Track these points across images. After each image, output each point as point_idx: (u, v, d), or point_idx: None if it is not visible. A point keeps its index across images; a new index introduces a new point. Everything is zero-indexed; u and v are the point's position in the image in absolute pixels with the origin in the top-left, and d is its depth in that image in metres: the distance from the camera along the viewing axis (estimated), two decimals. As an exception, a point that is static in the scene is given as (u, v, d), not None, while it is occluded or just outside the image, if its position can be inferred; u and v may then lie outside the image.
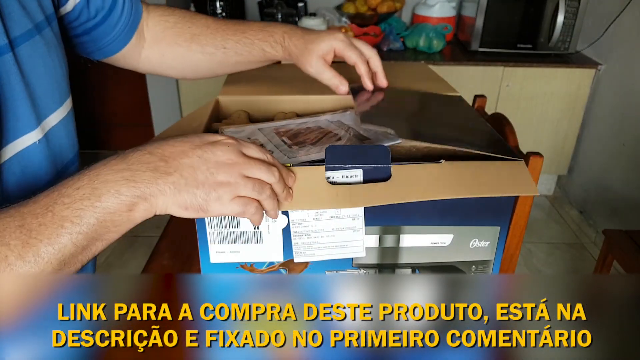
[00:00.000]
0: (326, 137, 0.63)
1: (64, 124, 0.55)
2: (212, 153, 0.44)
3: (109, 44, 0.66)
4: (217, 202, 0.43)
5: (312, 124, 0.68)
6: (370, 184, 0.51)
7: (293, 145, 0.61)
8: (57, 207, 0.39)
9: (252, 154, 0.46)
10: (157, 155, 0.42)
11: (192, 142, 0.44)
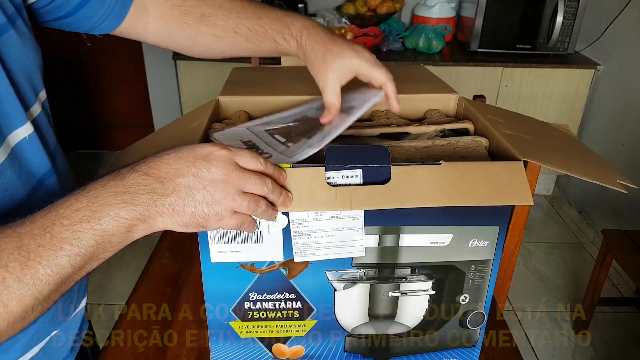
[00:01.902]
0: (318, 128, 0.63)
1: (45, 114, 0.55)
2: (207, 170, 0.43)
3: (102, 22, 0.62)
4: (215, 219, 0.44)
5: (299, 116, 0.68)
6: (370, 187, 0.51)
7: (288, 143, 0.61)
8: (56, 229, 0.39)
9: (246, 164, 0.46)
10: (154, 177, 0.42)
11: (186, 158, 0.43)
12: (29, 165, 0.50)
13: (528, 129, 0.70)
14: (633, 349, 1.85)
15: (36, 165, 0.51)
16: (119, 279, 2.10)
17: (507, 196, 0.53)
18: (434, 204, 0.51)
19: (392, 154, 0.57)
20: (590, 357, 1.80)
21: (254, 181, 0.45)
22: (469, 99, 0.76)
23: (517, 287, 2.11)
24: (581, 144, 0.73)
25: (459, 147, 0.62)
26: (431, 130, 0.69)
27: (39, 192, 0.52)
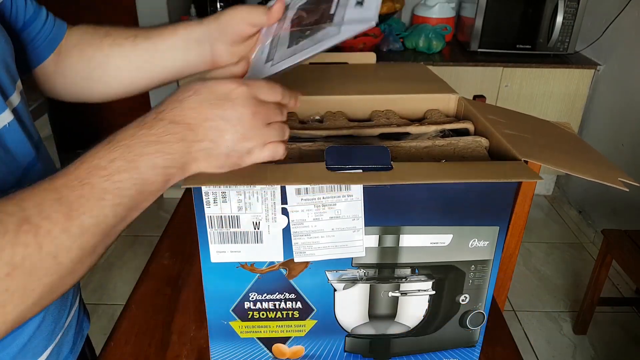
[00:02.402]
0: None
1: (24, 104, 0.56)
2: (232, 110, 0.44)
3: (31, 52, 0.62)
4: (249, 156, 0.46)
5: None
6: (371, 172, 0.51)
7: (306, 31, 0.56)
8: (95, 179, 0.39)
9: (266, 97, 0.46)
10: (182, 125, 0.42)
11: (209, 100, 0.43)
12: (13, 152, 0.50)
13: (528, 129, 0.70)
14: (633, 349, 1.85)
15: (20, 153, 0.52)
16: (119, 279, 2.10)
17: (514, 174, 0.53)
18: (438, 180, 0.51)
19: (392, 154, 0.57)
20: (590, 357, 1.80)
21: (275, 112, 0.47)
22: (469, 99, 0.76)
23: (517, 287, 2.11)
24: (582, 141, 0.73)
25: (459, 147, 0.63)
26: (431, 130, 0.69)
27: (26, 179, 0.52)
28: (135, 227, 2.54)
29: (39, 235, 0.36)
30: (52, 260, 0.37)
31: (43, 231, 0.36)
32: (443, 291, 0.60)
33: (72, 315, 0.63)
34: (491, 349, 0.72)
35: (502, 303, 0.95)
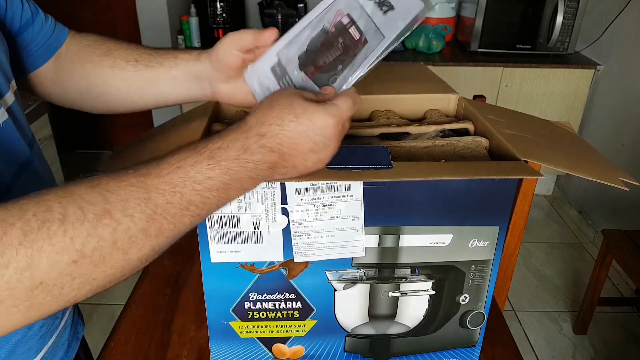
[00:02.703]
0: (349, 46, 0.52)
1: (18, 104, 0.56)
2: (324, 145, 0.45)
3: (28, 57, 0.61)
4: (316, 166, 0.48)
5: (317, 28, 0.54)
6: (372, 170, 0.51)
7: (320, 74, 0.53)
8: (187, 190, 0.40)
9: (349, 117, 0.48)
10: (278, 153, 0.44)
11: (306, 133, 0.44)
12: (8, 151, 0.51)
13: (529, 128, 0.70)
14: (633, 349, 1.85)
15: (15, 152, 0.52)
16: (119, 279, 2.10)
17: (515, 171, 0.53)
18: (438, 177, 0.51)
19: (392, 154, 0.57)
20: (590, 357, 1.80)
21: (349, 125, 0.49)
22: (469, 99, 0.76)
23: (517, 287, 2.11)
24: (582, 140, 0.73)
25: (459, 148, 0.62)
26: (431, 130, 0.68)
27: (22, 177, 0.52)
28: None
29: (117, 231, 0.37)
30: (122, 255, 0.38)
31: (122, 227, 0.37)
32: (443, 291, 0.60)
33: (67, 318, 0.63)
34: (491, 349, 0.72)
35: (502, 303, 0.95)
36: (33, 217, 0.34)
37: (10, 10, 0.57)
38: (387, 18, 0.49)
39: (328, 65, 0.51)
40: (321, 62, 0.52)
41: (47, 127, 2.13)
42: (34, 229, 0.33)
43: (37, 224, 0.34)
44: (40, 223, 0.34)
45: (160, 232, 0.39)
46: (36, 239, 0.33)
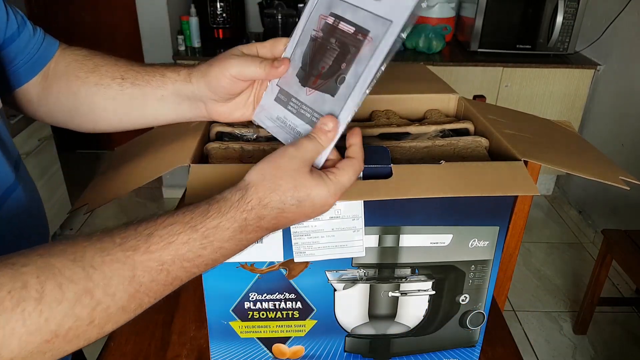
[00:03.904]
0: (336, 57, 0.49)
1: (3, 122, 0.54)
2: (320, 213, 0.46)
3: (13, 72, 0.57)
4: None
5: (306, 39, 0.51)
6: (371, 181, 0.51)
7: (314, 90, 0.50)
8: (174, 268, 0.40)
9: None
10: (273, 229, 0.45)
11: (306, 214, 0.45)
12: None
13: (529, 128, 0.70)
14: (633, 349, 1.85)
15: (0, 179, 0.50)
16: (119, 279, 2.10)
17: (512, 188, 0.52)
18: (437, 194, 0.51)
19: (392, 154, 0.57)
20: (590, 357, 1.80)
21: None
22: (469, 99, 0.76)
23: (517, 287, 2.11)
24: (583, 140, 0.73)
25: (459, 148, 0.62)
26: (431, 130, 0.68)
27: (5, 206, 0.51)
28: (135, 227, 2.53)
29: (96, 310, 0.35)
30: (97, 330, 0.36)
31: (102, 307, 0.36)
32: (443, 291, 0.60)
33: None
34: (491, 349, 0.72)
35: (502, 303, 0.95)
36: (8, 295, 0.32)
37: None
38: (384, 3, 0.45)
39: (329, 69, 0.48)
40: (320, 68, 0.49)
41: (47, 127, 2.13)
42: (8, 309, 0.32)
43: (11, 303, 0.32)
44: (15, 303, 0.32)
45: (140, 306, 0.39)
46: (9, 320, 0.32)
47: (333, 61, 0.48)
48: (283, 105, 0.52)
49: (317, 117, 0.48)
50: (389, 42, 0.44)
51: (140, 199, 2.65)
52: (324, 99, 0.48)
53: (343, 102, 0.47)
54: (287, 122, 0.51)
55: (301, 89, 0.50)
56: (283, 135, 0.51)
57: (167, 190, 2.66)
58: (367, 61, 0.45)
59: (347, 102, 0.46)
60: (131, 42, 2.69)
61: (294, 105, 0.51)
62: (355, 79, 0.46)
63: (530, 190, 0.52)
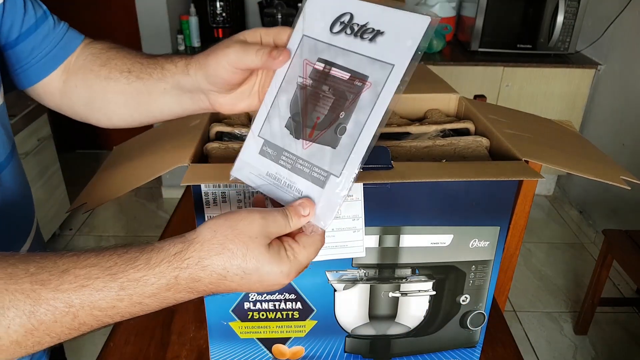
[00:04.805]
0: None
1: (4, 107, 0.55)
2: (268, 288, 0.41)
3: (32, 65, 0.57)
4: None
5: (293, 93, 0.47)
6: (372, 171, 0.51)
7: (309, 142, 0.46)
8: (83, 314, 0.36)
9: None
10: (209, 292, 0.40)
11: (252, 287, 0.40)
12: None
13: (529, 128, 0.70)
14: (633, 349, 1.85)
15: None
16: (119, 279, 2.10)
17: (516, 172, 0.52)
18: (439, 178, 0.51)
19: (393, 154, 0.57)
20: (590, 357, 1.80)
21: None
22: (470, 99, 0.76)
23: (518, 288, 2.11)
24: (583, 139, 0.73)
25: (459, 147, 0.62)
26: (432, 130, 0.68)
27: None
28: (135, 227, 2.54)
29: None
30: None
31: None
32: (443, 291, 0.60)
33: None
34: (492, 349, 0.72)
35: (502, 303, 0.95)
36: None
37: (9, 17, 0.54)
38: (380, 45, 0.42)
39: (324, 118, 0.44)
40: (314, 118, 0.44)
41: (47, 127, 2.13)
42: None
43: None
44: None
45: (39, 344, 0.36)
46: None
47: (329, 110, 0.44)
48: (272, 159, 0.46)
49: (319, 172, 0.43)
50: (392, 87, 0.41)
51: (139, 198, 2.65)
52: (323, 152, 0.43)
53: (346, 155, 0.42)
54: (282, 179, 0.46)
55: (294, 142, 0.45)
56: (278, 194, 0.46)
57: (167, 190, 2.66)
58: (370, 108, 0.42)
59: (352, 155, 0.42)
60: (131, 42, 2.69)
61: (287, 160, 0.45)
62: (358, 128, 0.42)
63: (532, 175, 0.52)
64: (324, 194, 0.43)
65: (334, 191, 0.42)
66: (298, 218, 0.42)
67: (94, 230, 2.40)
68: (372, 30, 0.42)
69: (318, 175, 0.43)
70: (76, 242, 2.32)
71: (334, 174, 0.43)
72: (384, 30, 0.42)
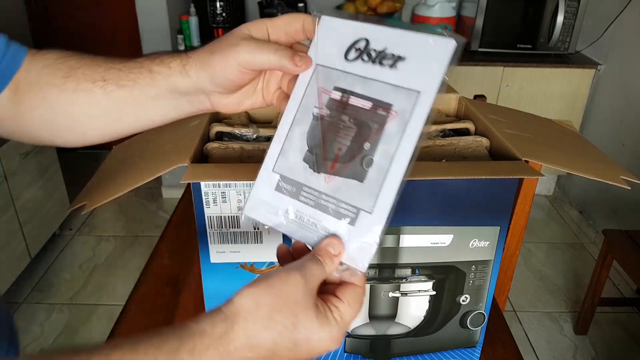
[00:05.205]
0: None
1: None
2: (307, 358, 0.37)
3: None
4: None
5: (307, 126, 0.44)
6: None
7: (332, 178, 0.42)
8: None
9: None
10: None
11: (299, 357, 0.36)
12: None
13: (529, 128, 0.70)
14: (633, 349, 1.85)
15: None
16: (119, 279, 2.10)
17: (516, 172, 0.52)
18: (440, 176, 0.51)
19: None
20: (590, 357, 1.80)
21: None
22: (470, 99, 0.76)
23: (518, 288, 2.11)
24: (584, 139, 0.73)
25: (459, 147, 0.62)
26: (432, 130, 0.68)
27: None
28: (135, 228, 2.54)
29: None
30: None
31: None
32: (443, 291, 0.60)
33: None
34: (492, 350, 0.72)
35: (502, 303, 0.95)
36: None
37: None
38: (403, 71, 0.39)
39: (347, 150, 0.41)
40: (335, 150, 0.41)
41: (47, 127, 2.13)
42: None
43: None
44: None
45: None
46: None
47: (351, 141, 0.41)
48: (291, 196, 0.43)
49: (346, 207, 0.40)
50: (421, 116, 0.38)
51: (139, 198, 2.65)
52: (349, 186, 0.40)
53: (376, 189, 0.39)
54: (304, 216, 0.42)
55: (315, 176, 0.42)
56: (301, 233, 0.42)
57: (167, 190, 2.66)
58: (398, 139, 0.39)
59: (383, 189, 0.39)
60: (131, 42, 2.69)
61: (309, 196, 0.42)
62: (386, 160, 0.39)
63: (533, 174, 0.52)
64: (355, 232, 0.39)
65: (368, 229, 0.39)
66: (331, 260, 0.39)
67: (94, 230, 2.40)
68: (391, 56, 0.40)
69: (346, 212, 0.40)
70: (76, 242, 2.32)
71: (364, 209, 0.39)
72: (405, 55, 0.39)
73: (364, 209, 0.39)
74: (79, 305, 1.96)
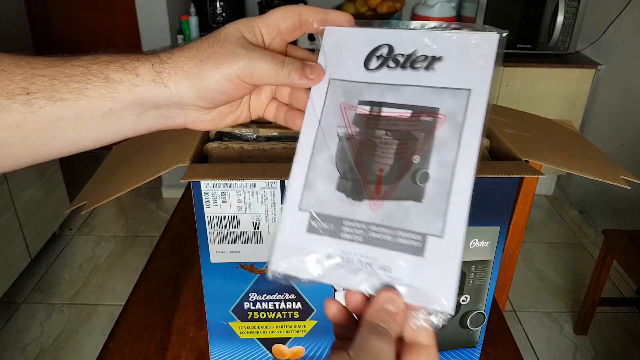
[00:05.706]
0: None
1: None
2: None
3: None
4: None
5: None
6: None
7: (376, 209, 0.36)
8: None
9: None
10: None
11: None
12: None
13: (529, 128, 0.70)
14: (633, 349, 1.85)
15: None
16: (119, 279, 2.10)
17: (516, 170, 0.52)
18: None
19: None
20: (590, 357, 1.80)
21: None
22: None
23: (518, 288, 2.11)
24: (584, 139, 0.73)
25: (459, 147, 0.62)
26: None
27: None
28: (135, 227, 2.54)
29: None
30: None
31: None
32: (443, 291, 0.60)
33: None
34: (492, 350, 0.72)
35: (502, 303, 0.95)
36: None
37: None
38: (442, 72, 0.36)
39: (391, 169, 0.35)
40: (376, 171, 0.36)
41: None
42: None
43: None
44: None
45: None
46: None
47: (394, 158, 0.35)
48: (331, 235, 0.35)
49: (407, 236, 0.34)
50: (479, 113, 0.34)
51: (139, 198, 2.65)
52: (405, 209, 0.34)
53: (442, 206, 0.34)
54: (353, 257, 0.35)
55: (356, 205, 0.35)
56: (354, 281, 0.35)
57: (167, 190, 2.66)
58: (456, 144, 0.34)
59: (451, 205, 0.34)
60: (131, 42, 2.69)
61: (354, 231, 0.35)
62: (446, 170, 0.34)
63: (533, 173, 0.52)
64: (427, 264, 0.33)
65: (444, 256, 0.33)
66: (393, 318, 0.31)
67: (94, 230, 2.40)
68: (424, 58, 0.36)
69: (408, 241, 0.33)
70: (76, 242, 2.32)
71: (433, 234, 0.33)
72: (441, 55, 0.36)
73: (431, 233, 0.33)
74: (79, 305, 1.96)
